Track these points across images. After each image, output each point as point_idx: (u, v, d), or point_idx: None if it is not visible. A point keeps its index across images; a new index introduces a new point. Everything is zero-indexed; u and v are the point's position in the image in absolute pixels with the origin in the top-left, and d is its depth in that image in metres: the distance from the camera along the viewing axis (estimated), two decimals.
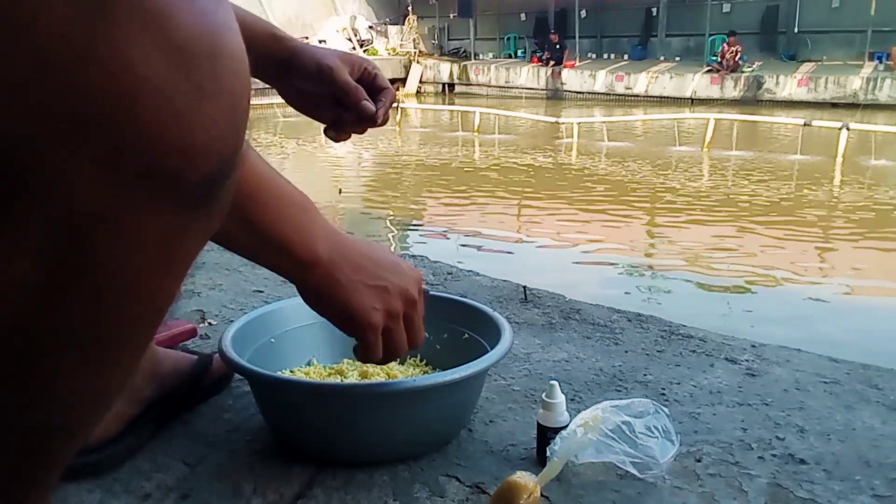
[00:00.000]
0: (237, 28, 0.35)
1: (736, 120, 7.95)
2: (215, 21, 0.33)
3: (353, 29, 16.95)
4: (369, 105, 0.81)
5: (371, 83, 0.85)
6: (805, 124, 7.00)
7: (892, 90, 11.77)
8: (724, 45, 13.49)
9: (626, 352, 1.14)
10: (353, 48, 16.36)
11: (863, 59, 13.24)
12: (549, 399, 0.78)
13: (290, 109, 0.87)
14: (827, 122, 7.17)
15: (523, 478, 0.71)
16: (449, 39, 18.79)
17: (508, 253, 3.99)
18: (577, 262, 3.85)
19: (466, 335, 0.94)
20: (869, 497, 0.75)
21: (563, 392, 0.79)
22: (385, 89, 0.86)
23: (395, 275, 0.65)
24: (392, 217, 4.93)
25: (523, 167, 6.75)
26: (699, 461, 0.81)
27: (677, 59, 15.15)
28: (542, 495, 0.73)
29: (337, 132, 0.85)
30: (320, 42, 15.85)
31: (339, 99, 0.81)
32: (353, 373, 0.93)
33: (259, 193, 0.57)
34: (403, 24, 17.96)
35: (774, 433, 0.87)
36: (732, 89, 13.06)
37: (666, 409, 0.78)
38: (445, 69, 16.45)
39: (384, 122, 0.85)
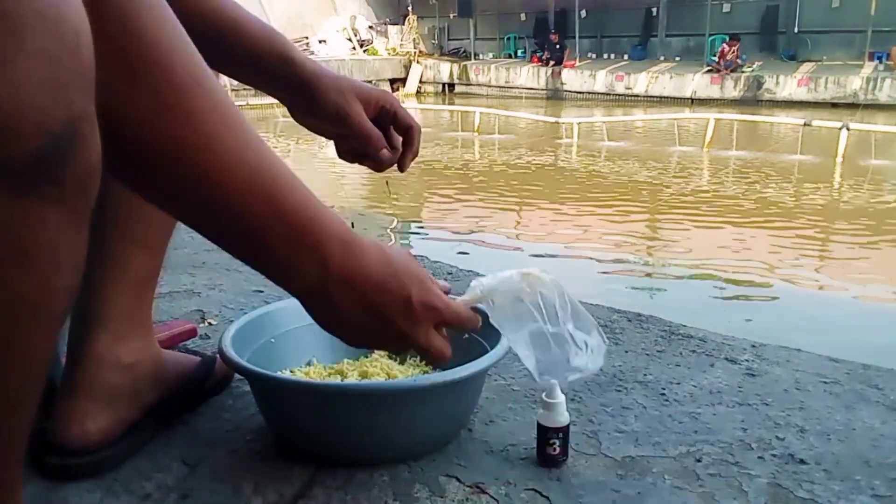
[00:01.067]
0: None
1: (736, 120, 7.95)
2: None
3: (353, 29, 16.95)
4: (389, 155, 0.76)
5: (392, 120, 0.78)
6: (805, 124, 7.01)
7: (892, 90, 11.78)
8: (724, 45, 13.50)
9: (626, 352, 1.14)
10: (353, 48, 16.37)
11: (863, 59, 13.25)
12: (549, 399, 0.78)
13: None
14: (827, 122, 7.17)
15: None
16: (449, 39, 18.79)
17: (508, 253, 3.99)
18: (577, 262, 3.85)
19: (466, 335, 0.94)
20: (869, 497, 0.75)
21: (563, 392, 0.79)
22: (409, 127, 0.77)
23: (404, 322, 0.57)
24: (392, 217, 4.93)
25: (523, 167, 6.75)
26: (699, 461, 0.81)
27: (677, 59, 15.15)
28: (541, 494, 0.74)
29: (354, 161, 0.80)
30: (320, 42, 15.85)
31: (357, 143, 0.76)
32: (353, 373, 0.93)
33: (252, 201, 0.47)
34: (403, 24, 17.96)
35: (774, 433, 0.87)
36: (732, 89, 13.06)
37: (606, 339, 0.71)
38: (445, 69, 16.44)
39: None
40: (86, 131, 0.32)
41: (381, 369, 0.93)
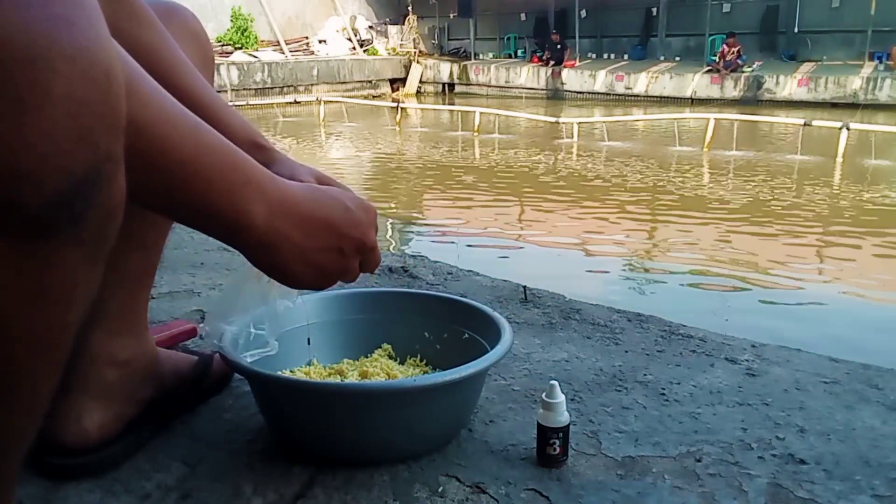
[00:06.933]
0: (85, 21, 0.30)
1: (736, 120, 7.94)
2: (35, 16, 0.28)
3: (353, 29, 16.95)
4: None
5: None
6: (805, 124, 7.01)
7: (892, 90, 11.77)
8: (724, 45, 13.50)
9: (626, 352, 1.14)
10: (353, 48, 16.36)
11: (863, 59, 13.24)
12: (549, 399, 0.78)
13: (291, 109, 0.84)
14: (827, 122, 7.17)
15: None
16: (449, 39, 18.78)
17: (508, 253, 3.99)
18: (577, 262, 3.85)
19: (466, 335, 0.94)
20: (869, 497, 0.75)
21: (563, 392, 0.79)
22: None
23: (352, 229, 0.59)
24: (392, 217, 4.93)
25: (523, 167, 6.75)
26: (699, 461, 0.81)
27: (677, 59, 15.14)
28: (541, 494, 0.74)
29: None
30: (320, 42, 15.84)
31: None
32: (353, 373, 0.93)
33: (168, 153, 0.45)
34: (403, 24, 17.95)
35: (774, 433, 0.87)
36: (732, 89, 13.05)
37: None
38: (445, 69, 16.43)
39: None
40: (110, 173, 0.32)
41: (381, 369, 0.93)
